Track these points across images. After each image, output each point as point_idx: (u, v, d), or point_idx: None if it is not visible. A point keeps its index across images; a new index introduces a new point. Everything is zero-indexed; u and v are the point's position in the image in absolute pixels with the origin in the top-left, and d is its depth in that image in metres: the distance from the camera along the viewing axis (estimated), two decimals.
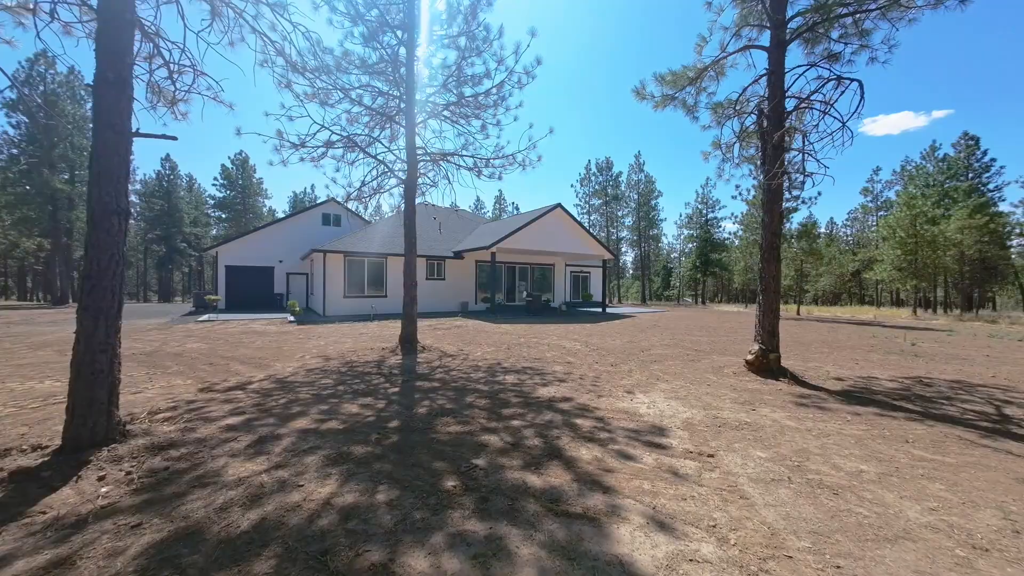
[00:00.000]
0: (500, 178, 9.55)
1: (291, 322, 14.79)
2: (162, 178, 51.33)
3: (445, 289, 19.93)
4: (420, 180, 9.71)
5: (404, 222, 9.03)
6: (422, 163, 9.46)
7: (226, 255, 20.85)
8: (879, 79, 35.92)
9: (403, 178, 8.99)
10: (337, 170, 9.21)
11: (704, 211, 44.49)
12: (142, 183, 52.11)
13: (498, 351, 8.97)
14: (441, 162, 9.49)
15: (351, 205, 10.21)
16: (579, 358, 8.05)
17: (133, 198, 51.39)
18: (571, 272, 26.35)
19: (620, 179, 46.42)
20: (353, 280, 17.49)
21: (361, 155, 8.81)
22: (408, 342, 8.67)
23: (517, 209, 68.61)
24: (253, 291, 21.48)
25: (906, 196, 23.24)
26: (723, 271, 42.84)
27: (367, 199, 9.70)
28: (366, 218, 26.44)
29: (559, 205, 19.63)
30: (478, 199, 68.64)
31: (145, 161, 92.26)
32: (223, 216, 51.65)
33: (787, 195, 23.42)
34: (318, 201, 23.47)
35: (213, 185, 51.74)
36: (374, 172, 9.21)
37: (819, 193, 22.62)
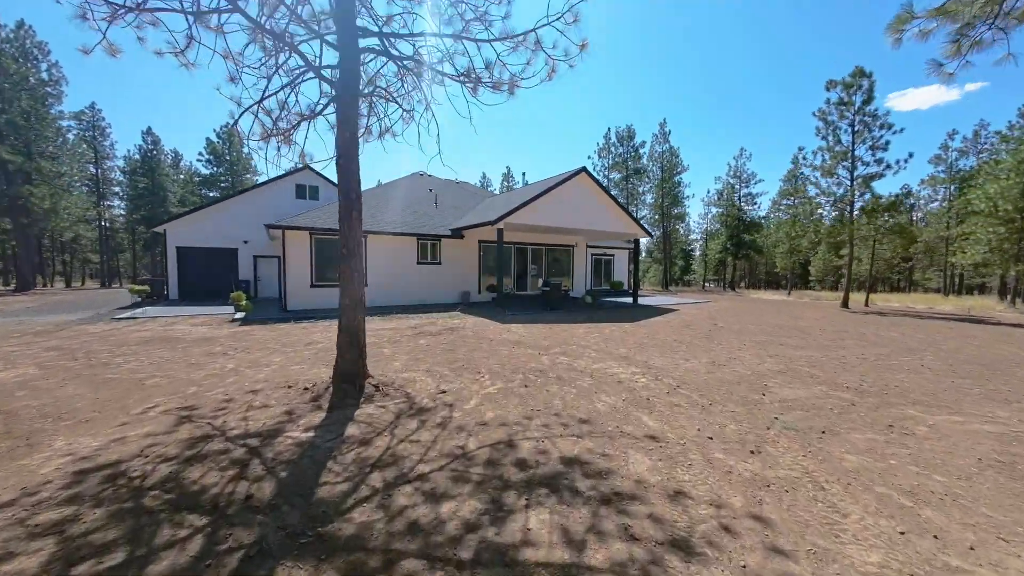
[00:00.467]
0: (511, 92, 5.55)
1: (235, 321, 11.20)
2: (144, 153, 47.69)
3: (441, 275, 16.15)
4: (369, 89, 5.84)
5: (338, 161, 5.19)
6: (371, 58, 5.54)
7: (176, 234, 17.21)
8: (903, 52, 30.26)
9: (334, 80, 5.08)
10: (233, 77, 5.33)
11: (737, 186, 39.67)
12: (125, 159, 48.61)
13: (509, 393, 5.21)
14: (401, 62, 5.54)
15: (273, 148, 6.29)
16: (662, 414, 4.29)
17: (116, 175, 48.12)
18: (592, 255, 22.36)
19: (642, 151, 41.66)
20: (322, 264, 13.78)
21: (254, 33, 4.90)
22: (349, 379, 4.95)
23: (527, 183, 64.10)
24: (212, 278, 17.93)
25: (1016, 159, 18.60)
26: (757, 254, 38.37)
27: (289, 131, 5.86)
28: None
29: (583, 170, 15.54)
30: (484, 175, 64.23)
31: (125, 135, 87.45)
32: (211, 195, 48.01)
33: (869, 157, 19.00)
34: (291, 168, 19.70)
35: (199, 161, 47.96)
36: (286, 75, 5.31)
37: (910, 155, 18.08)
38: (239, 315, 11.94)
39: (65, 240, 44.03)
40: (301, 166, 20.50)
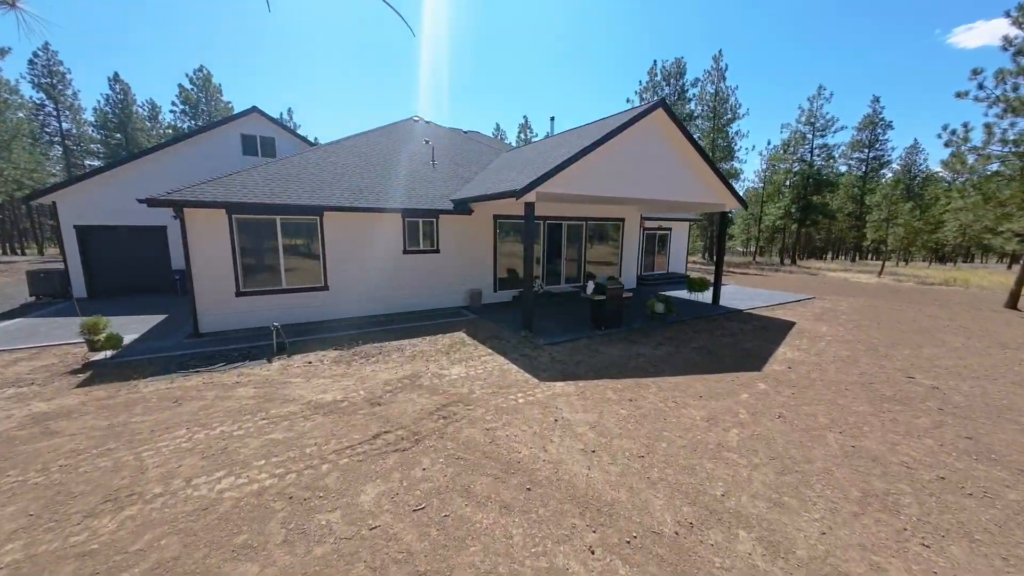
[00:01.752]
0: None
1: (82, 370, 6.54)
2: (113, 104, 42.06)
3: (441, 268, 11.11)
4: None
5: None
6: None
7: (73, 207, 12.32)
8: None
9: None
10: None
11: (810, 136, 32.23)
12: (94, 111, 43.11)
13: None
14: None
15: None
16: None
17: (88, 130, 42.85)
18: (646, 229, 16.87)
19: (690, 93, 34.06)
20: (254, 259, 8.85)
21: None
22: None
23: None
24: (137, 267, 13.26)
25: None
26: (828, 220, 31.78)
27: None
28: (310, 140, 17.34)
29: (661, 104, 9.78)
30: (498, 127, 56.70)
31: (90, 82, 74.28)
32: None
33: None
34: (236, 113, 14.15)
35: (172, 112, 42.19)
36: None
37: None
38: (100, 355, 7.27)
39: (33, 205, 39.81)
40: (247, 109, 15.04)
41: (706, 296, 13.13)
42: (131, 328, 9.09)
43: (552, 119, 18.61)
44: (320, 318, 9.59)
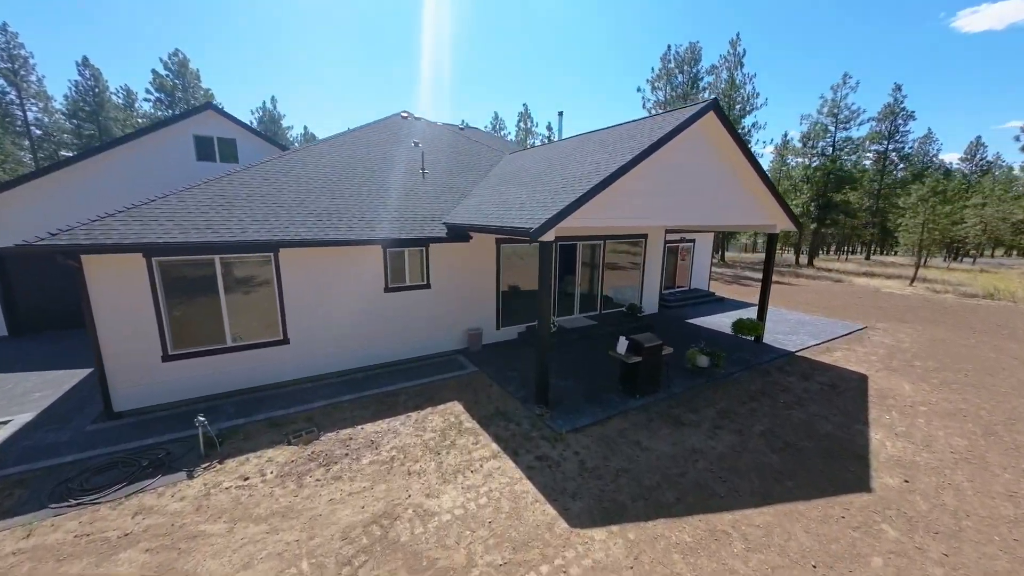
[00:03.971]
0: None
1: None
2: (83, 91, 39.12)
3: (430, 307, 9.08)
4: None
5: None
6: None
7: None
8: None
9: None
10: None
11: (832, 128, 29.91)
12: (65, 98, 40.15)
13: None
14: None
15: None
16: None
17: (60, 119, 39.93)
18: (668, 243, 14.86)
19: (702, 82, 31.54)
20: (186, 312, 6.80)
21: None
22: None
23: (552, 131, 53.41)
24: (64, 298, 11.14)
25: None
26: (849, 218, 29.70)
27: None
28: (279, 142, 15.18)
29: (714, 104, 7.64)
30: (496, 116, 53.84)
31: (57, 65, 62.24)
32: None
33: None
34: (187, 110, 11.82)
35: (147, 100, 39.31)
36: None
37: None
38: None
39: None
40: (201, 105, 12.66)
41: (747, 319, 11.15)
42: (30, 399, 7.07)
43: (560, 114, 16.40)
44: (279, 379, 7.60)
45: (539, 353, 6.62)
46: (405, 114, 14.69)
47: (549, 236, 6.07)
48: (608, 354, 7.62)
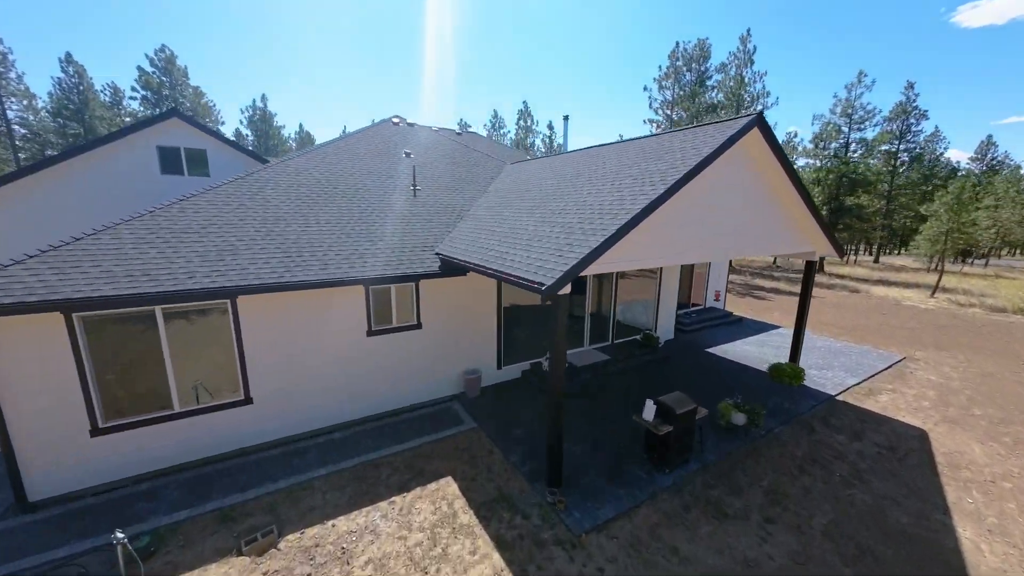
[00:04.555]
0: None
1: None
2: (67, 89, 37.67)
3: (422, 350, 7.88)
4: None
5: None
6: None
7: None
8: None
9: None
10: None
11: (845, 129, 28.62)
12: (50, 97, 38.68)
13: None
14: None
15: None
16: None
17: (45, 118, 38.46)
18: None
19: (709, 81, 30.18)
20: (121, 375, 5.59)
21: None
22: None
23: (553, 131, 51.83)
24: None
25: None
26: (861, 223, 28.50)
27: None
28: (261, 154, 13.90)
29: (759, 119, 6.42)
30: (496, 115, 52.26)
31: (37, 62, 60.78)
32: None
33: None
34: (149, 117, 10.52)
35: (132, 98, 37.86)
36: None
37: None
38: None
39: None
40: (165, 112, 11.27)
41: (774, 348, 9.99)
42: None
43: (566, 119, 15.15)
44: (240, 444, 6.41)
45: (550, 423, 5.43)
46: (397, 119, 13.42)
47: (565, 290, 4.87)
48: (632, 419, 6.44)
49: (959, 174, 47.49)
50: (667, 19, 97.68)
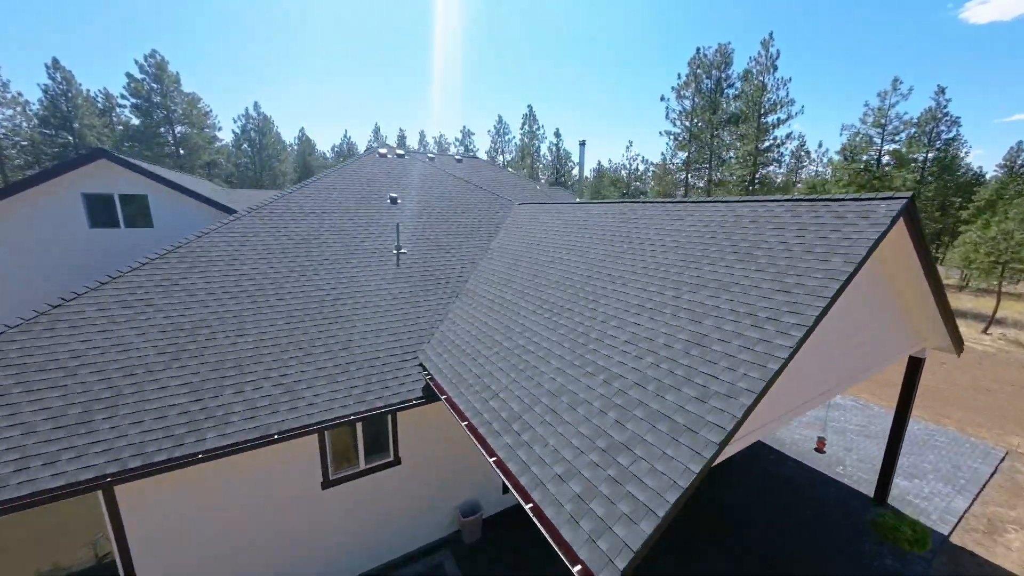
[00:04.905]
0: None
1: None
2: (54, 96, 36.12)
3: (399, 489, 5.86)
4: None
5: None
6: None
7: None
8: None
9: None
10: None
11: (878, 141, 26.09)
12: (39, 104, 37.11)
13: None
14: None
15: None
16: None
17: (35, 125, 36.93)
18: None
19: (729, 90, 27.77)
20: None
21: None
22: None
23: (560, 138, 49.43)
24: None
25: None
26: None
27: None
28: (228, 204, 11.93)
29: (909, 205, 4.28)
30: (500, 119, 50.08)
31: (23, 67, 58.58)
32: (146, 155, 36.54)
33: None
34: (71, 159, 8.48)
35: (121, 106, 36.17)
36: None
37: None
38: None
39: None
40: (90, 152, 8.55)
41: (836, 435, 7.82)
42: None
43: (582, 144, 13.01)
44: None
45: None
46: (384, 150, 11.36)
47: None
48: None
49: (985, 181, 44.33)
50: (675, 26, 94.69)
